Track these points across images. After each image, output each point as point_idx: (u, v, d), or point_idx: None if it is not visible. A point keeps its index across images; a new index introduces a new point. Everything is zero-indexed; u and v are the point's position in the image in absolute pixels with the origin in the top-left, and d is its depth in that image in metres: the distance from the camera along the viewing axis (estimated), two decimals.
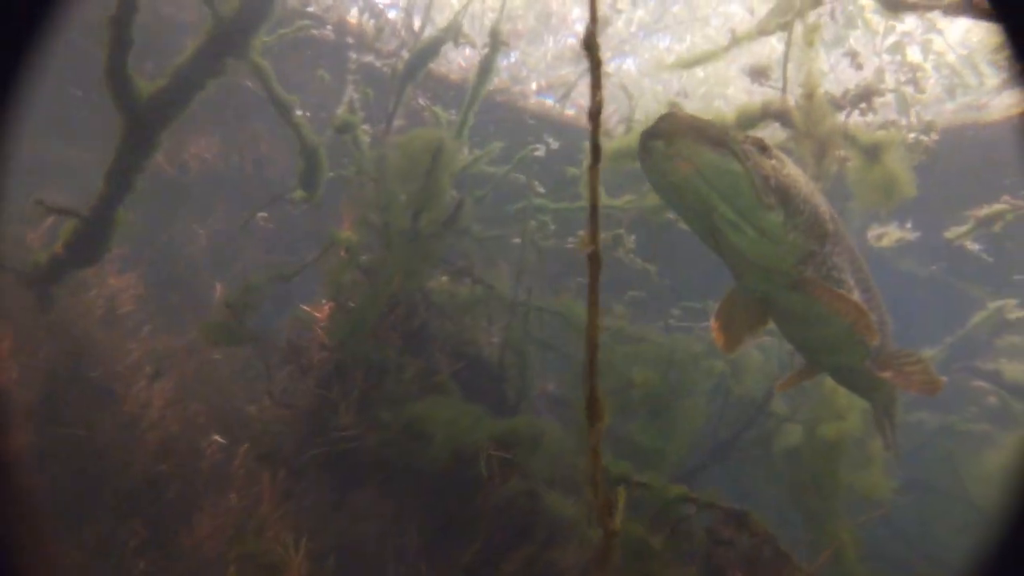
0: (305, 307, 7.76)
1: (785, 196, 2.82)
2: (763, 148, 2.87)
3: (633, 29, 14.36)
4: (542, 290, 9.30)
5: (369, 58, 6.59)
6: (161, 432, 6.46)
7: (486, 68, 6.03)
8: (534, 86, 13.22)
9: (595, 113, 1.49)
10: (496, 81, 11.79)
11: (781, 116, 5.01)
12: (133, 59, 5.07)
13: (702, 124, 2.65)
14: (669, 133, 2.58)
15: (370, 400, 5.41)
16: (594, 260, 1.53)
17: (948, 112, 9.55)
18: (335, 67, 7.21)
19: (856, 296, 3.44)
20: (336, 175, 7.42)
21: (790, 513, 7.37)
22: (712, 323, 3.39)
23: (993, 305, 7.42)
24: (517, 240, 7.54)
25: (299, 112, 6.36)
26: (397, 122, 7.25)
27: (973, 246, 6.97)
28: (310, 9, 6.77)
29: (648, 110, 10.91)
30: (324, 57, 7.39)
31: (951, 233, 6.38)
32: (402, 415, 5.14)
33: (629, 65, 15.55)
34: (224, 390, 8.08)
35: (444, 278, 7.08)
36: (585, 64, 1.47)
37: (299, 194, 7.24)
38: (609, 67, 13.29)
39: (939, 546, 8.94)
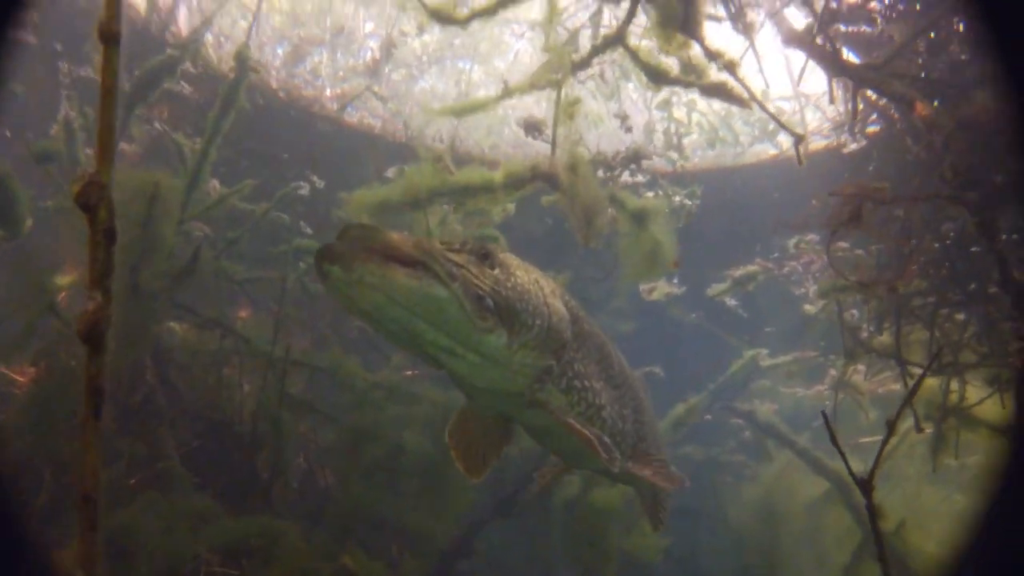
0: (3, 369, 6.31)
1: (508, 313, 2.40)
2: (484, 256, 2.43)
3: (429, 52, 13.96)
4: (322, 340, 8.44)
5: (87, 71, 5.41)
6: None
7: (230, 96, 5.15)
8: (328, 93, 12.49)
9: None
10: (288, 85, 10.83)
11: (549, 178, 4.75)
12: None
13: (392, 241, 2.14)
14: (347, 257, 2.04)
15: (61, 507, 4.30)
16: None
17: (711, 157, 10.25)
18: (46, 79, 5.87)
19: (605, 398, 3.15)
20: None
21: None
22: (448, 443, 2.91)
23: (748, 353, 7.95)
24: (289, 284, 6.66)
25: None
26: (131, 147, 6.08)
27: (731, 301, 7.39)
28: None
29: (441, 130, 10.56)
30: (26, 66, 6.00)
31: (712, 290, 6.65)
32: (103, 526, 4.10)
33: (423, 85, 15.22)
34: None
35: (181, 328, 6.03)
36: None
37: None
38: (401, 88, 12.80)
39: (701, 567, 9.55)
